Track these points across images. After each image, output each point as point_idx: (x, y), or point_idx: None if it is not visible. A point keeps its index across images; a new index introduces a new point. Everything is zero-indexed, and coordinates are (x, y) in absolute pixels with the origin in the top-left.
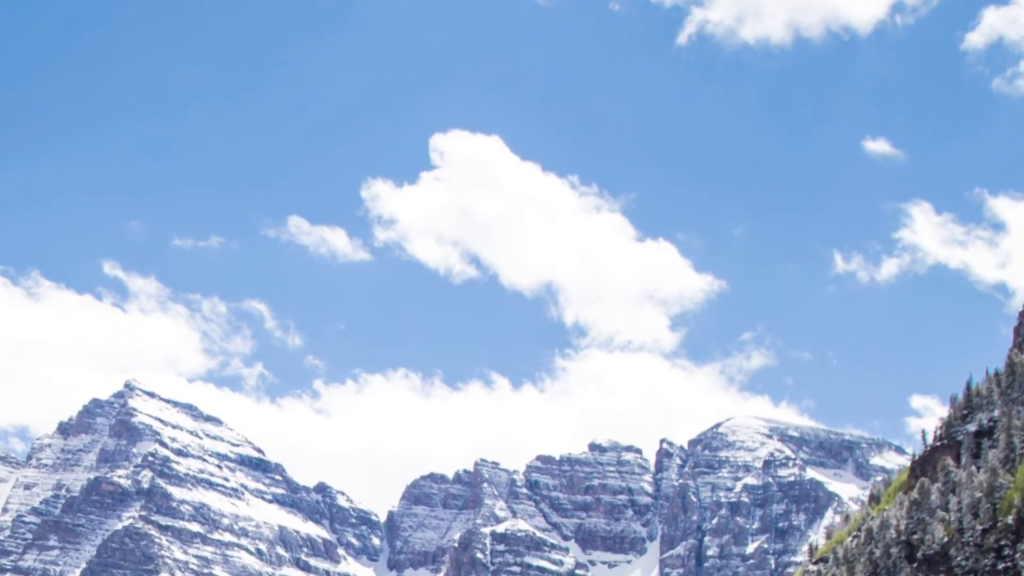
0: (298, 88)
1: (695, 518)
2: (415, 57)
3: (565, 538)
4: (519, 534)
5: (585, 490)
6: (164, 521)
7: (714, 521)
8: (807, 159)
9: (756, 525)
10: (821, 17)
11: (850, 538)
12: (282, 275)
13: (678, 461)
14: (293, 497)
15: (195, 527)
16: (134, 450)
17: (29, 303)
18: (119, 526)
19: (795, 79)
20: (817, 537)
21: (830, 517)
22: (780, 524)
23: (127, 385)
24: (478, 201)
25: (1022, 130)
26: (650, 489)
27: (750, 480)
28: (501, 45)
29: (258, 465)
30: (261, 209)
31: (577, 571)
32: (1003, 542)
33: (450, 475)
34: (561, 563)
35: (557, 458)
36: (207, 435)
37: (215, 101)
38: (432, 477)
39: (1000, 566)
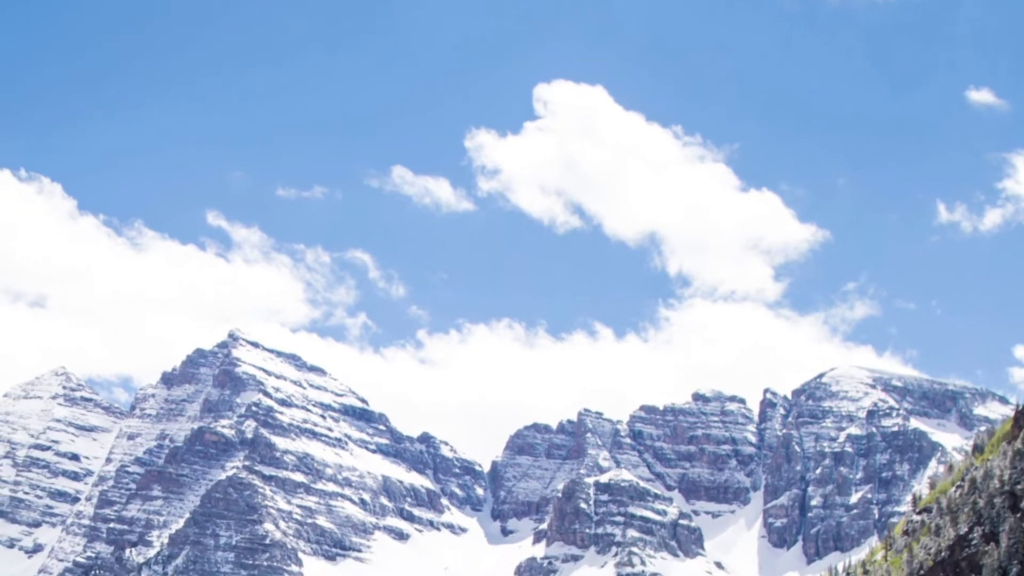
0: (402, 37)
1: (799, 468)
2: (520, 7)
3: (668, 488)
4: (623, 484)
5: (689, 440)
6: (267, 471)
7: (818, 471)
8: (910, 109)
9: (860, 475)
10: None
11: (954, 488)
12: (386, 225)
13: (782, 411)
14: (397, 447)
15: (299, 477)
16: (238, 400)
17: (133, 253)
18: (223, 476)
19: (898, 29)
20: (921, 487)
21: (933, 467)
22: (884, 474)
23: (231, 335)
24: (582, 151)
25: None
26: (754, 439)
27: (854, 430)
28: None
29: (362, 415)
30: (365, 159)
31: (681, 521)
32: None
33: (554, 425)
34: (665, 513)
35: (661, 408)
36: (311, 385)
37: (319, 50)
38: (536, 427)
39: None
